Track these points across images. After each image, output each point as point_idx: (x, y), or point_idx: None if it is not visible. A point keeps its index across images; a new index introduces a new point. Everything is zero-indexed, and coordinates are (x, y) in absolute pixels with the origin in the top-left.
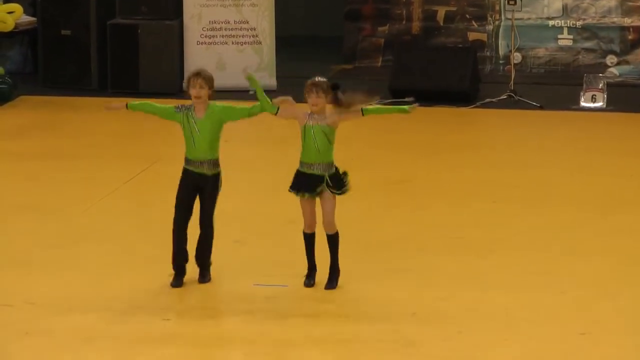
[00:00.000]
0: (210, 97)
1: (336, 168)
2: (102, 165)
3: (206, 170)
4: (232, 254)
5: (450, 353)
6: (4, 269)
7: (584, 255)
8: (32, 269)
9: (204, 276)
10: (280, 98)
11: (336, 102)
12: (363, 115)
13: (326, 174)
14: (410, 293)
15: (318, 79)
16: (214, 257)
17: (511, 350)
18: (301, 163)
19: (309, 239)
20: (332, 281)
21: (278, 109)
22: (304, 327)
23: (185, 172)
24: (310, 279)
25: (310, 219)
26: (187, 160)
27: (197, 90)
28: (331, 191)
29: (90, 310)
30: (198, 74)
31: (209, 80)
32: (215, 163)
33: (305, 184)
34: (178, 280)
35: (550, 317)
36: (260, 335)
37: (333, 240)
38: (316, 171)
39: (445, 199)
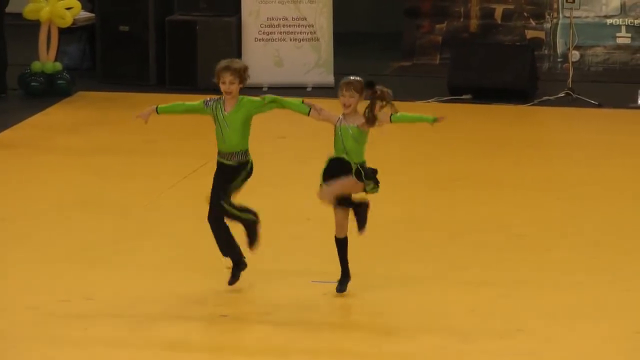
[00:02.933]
0: (241, 90)
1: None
2: (160, 161)
3: (237, 162)
4: (289, 251)
5: (508, 350)
6: (64, 264)
7: None
8: (92, 265)
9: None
10: (310, 102)
11: (375, 98)
12: (391, 122)
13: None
14: (470, 289)
15: (352, 78)
16: (272, 253)
17: (570, 348)
18: None
19: (341, 244)
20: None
21: (310, 110)
22: (363, 323)
23: (218, 164)
24: (342, 285)
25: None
26: (219, 153)
27: (227, 86)
28: (359, 178)
29: (148, 306)
30: (227, 68)
31: (239, 73)
32: (245, 153)
33: (337, 169)
34: (234, 274)
35: (608, 316)
36: (320, 341)
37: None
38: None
39: (505, 196)
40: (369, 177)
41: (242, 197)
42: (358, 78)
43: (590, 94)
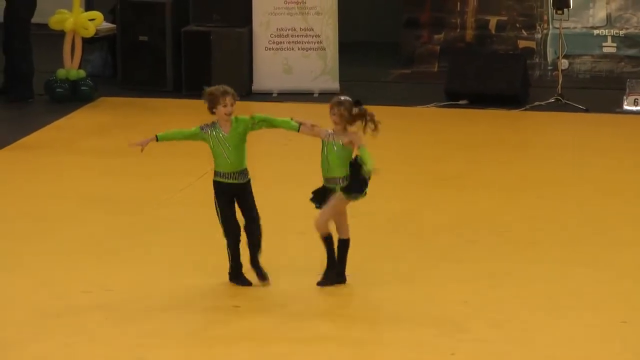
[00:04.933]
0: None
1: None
2: (176, 162)
3: (240, 180)
4: (295, 245)
5: (498, 338)
6: (82, 257)
7: (626, 247)
8: (109, 258)
9: (264, 276)
10: (299, 119)
11: (365, 114)
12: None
13: (338, 187)
14: (461, 282)
15: (342, 98)
16: (279, 248)
17: (556, 336)
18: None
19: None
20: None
21: (300, 126)
22: (364, 313)
23: (218, 185)
24: (326, 279)
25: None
26: (219, 174)
27: (228, 108)
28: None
29: (161, 297)
30: (227, 92)
31: (235, 97)
32: (246, 172)
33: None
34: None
35: (593, 306)
36: (324, 329)
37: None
38: (330, 185)
39: (495, 194)
40: (355, 190)
41: None
42: (347, 98)
43: (578, 99)
